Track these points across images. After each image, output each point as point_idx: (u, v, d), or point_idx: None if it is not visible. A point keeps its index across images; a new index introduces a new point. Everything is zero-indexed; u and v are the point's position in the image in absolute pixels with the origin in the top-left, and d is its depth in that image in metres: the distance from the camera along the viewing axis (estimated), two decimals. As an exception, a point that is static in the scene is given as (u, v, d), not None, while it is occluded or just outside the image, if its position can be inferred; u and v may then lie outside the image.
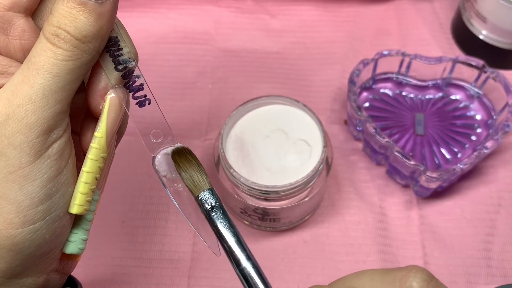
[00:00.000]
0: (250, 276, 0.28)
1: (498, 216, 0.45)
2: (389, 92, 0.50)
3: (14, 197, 0.24)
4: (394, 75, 0.51)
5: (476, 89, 0.49)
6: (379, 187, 0.47)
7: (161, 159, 0.29)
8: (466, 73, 0.49)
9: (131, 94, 0.27)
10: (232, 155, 0.41)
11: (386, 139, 0.44)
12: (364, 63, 0.48)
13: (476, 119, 0.49)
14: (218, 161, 0.42)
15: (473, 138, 0.48)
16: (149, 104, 0.27)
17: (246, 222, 0.45)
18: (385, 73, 0.50)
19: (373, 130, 0.44)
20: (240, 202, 0.42)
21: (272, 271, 0.43)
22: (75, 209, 0.26)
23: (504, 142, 0.48)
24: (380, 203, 0.46)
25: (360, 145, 0.49)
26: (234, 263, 0.28)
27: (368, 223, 0.45)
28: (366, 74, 0.49)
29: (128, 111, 0.27)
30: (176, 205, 0.29)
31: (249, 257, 0.29)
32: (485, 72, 0.48)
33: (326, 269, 0.43)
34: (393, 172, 0.46)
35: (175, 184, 0.29)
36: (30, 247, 0.25)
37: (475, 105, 0.49)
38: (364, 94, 0.50)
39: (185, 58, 0.54)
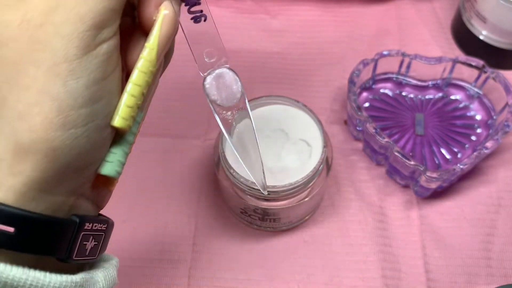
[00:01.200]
0: None
1: (498, 216, 0.45)
2: (389, 92, 0.50)
3: (57, 93, 0.22)
4: (394, 75, 0.51)
5: (476, 89, 0.49)
6: (379, 187, 0.47)
7: (212, 81, 0.27)
8: (466, 73, 0.49)
9: (187, 8, 0.25)
10: (232, 155, 0.41)
11: (386, 139, 0.44)
12: (364, 63, 0.48)
13: (476, 119, 0.49)
14: (218, 161, 0.42)
15: (473, 138, 0.48)
16: (205, 20, 0.25)
17: (246, 222, 0.45)
18: (385, 73, 0.50)
19: (373, 130, 0.44)
20: (240, 202, 0.42)
21: (272, 271, 0.43)
22: (119, 122, 0.24)
23: (504, 142, 0.48)
24: (380, 203, 0.46)
25: (360, 145, 0.49)
26: None
27: (368, 223, 0.45)
28: (366, 74, 0.49)
29: (182, 27, 0.26)
30: (225, 133, 0.27)
31: None
32: (485, 72, 0.48)
33: (326, 269, 0.43)
34: (393, 172, 0.46)
35: (224, 112, 0.27)
36: (68, 156, 0.22)
37: (475, 105, 0.49)
38: (364, 94, 0.50)
39: (185, 58, 0.54)
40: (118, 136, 0.25)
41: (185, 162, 0.48)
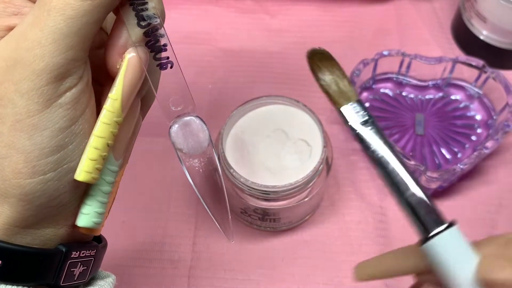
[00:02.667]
0: (419, 204, 0.21)
1: (498, 216, 0.45)
2: (389, 92, 0.50)
3: (23, 146, 0.22)
4: (394, 75, 0.51)
5: (476, 89, 0.49)
6: (379, 187, 0.47)
7: (178, 129, 0.26)
8: (466, 73, 0.49)
9: (152, 54, 0.25)
10: (232, 155, 0.41)
11: (386, 139, 0.44)
12: (364, 63, 0.48)
13: (476, 119, 0.49)
14: (218, 161, 0.42)
15: (473, 138, 0.48)
16: (171, 67, 0.25)
17: (246, 222, 0.45)
18: (385, 73, 0.50)
19: (373, 130, 0.44)
20: (240, 202, 0.41)
21: (272, 271, 0.43)
22: (81, 176, 0.23)
23: (504, 142, 0.48)
24: (380, 203, 0.46)
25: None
26: (398, 190, 0.22)
27: (368, 223, 0.45)
28: (366, 74, 0.49)
29: (150, 74, 0.25)
30: (191, 182, 0.27)
31: (417, 181, 0.22)
32: (485, 72, 0.48)
33: (326, 269, 0.43)
34: (393, 172, 0.46)
35: (191, 160, 0.27)
36: (42, 197, 0.23)
37: (475, 105, 0.49)
38: (364, 94, 0.50)
39: (185, 58, 0.54)
40: (91, 189, 0.25)
41: (185, 162, 0.48)
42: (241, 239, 0.45)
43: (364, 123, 0.23)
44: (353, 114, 0.23)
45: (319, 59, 0.23)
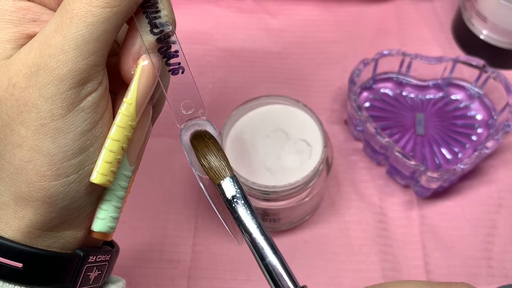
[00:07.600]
0: (275, 271, 0.26)
1: (498, 216, 0.45)
2: (390, 92, 0.50)
3: (47, 149, 0.23)
4: (394, 75, 0.50)
5: (476, 89, 0.49)
6: (380, 187, 0.47)
7: (189, 133, 0.27)
8: (466, 73, 0.49)
9: (164, 60, 0.26)
10: (232, 155, 0.41)
11: (387, 139, 0.43)
12: (365, 63, 0.48)
13: (477, 119, 0.49)
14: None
15: (474, 138, 0.48)
16: (182, 72, 0.26)
17: (246, 222, 0.45)
18: (385, 73, 0.50)
19: (374, 130, 0.44)
20: (240, 202, 0.41)
21: (272, 271, 0.43)
22: (97, 178, 0.24)
23: (504, 142, 0.48)
24: (381, 203, 0.46)
25: (360, 145, 0.49)
26: (258, 257, 0.26)
27: (368, 223, 0.45)
28: (366, 74, 0.49)
29: (162, 79, 0.26)
30: (201, 185, 0.28)
31: (275, 250, 0.26)
32: (486, 72, 0.48)
33: (326, 269, 0.43)
34: (393, 172, 0.46)
35: None
36: (64, 199, 0.24)
37: (475, 105, 0.49)
38: (365, 94, 0.50)
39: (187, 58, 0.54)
40: (106, 194, 0.26)
41: (185, 162, 0.48)
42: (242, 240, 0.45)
43: (232, 198, 0.27)
44: (225, 189, 0.27)
45: (196, 139, 0.27)
